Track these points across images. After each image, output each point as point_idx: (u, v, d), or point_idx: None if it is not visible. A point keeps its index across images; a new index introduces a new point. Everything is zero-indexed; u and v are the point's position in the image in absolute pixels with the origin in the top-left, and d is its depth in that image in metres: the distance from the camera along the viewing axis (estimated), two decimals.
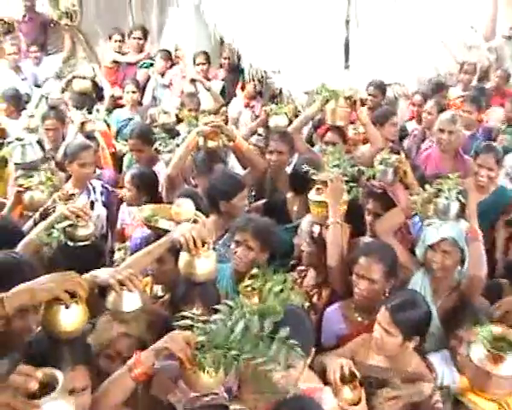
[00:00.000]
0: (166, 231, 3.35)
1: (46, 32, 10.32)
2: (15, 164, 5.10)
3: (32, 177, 4.54)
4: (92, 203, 5.14)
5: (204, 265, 3.06)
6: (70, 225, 3.35)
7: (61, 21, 9.89)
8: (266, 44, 7.78)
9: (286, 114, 5.68)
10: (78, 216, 3.37)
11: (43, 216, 4.17)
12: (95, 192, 5.28)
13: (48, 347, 2.41)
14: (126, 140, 7.05)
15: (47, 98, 6.61)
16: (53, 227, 3.34)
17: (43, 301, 2.36)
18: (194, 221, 3.55)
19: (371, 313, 3.62)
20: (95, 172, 5.57)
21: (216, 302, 3.00)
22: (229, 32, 8.10)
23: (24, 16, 10.36)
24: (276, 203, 5.09)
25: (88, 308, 2.46)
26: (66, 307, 2.34)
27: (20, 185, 4.51)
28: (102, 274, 2.68)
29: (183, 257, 3.07)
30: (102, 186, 5.39)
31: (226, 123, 6.20)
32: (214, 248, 3.48)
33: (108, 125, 7.32)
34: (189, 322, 2.41)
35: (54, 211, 4.00)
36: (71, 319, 2.36)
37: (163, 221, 3.55)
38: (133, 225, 5.05)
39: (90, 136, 6.01)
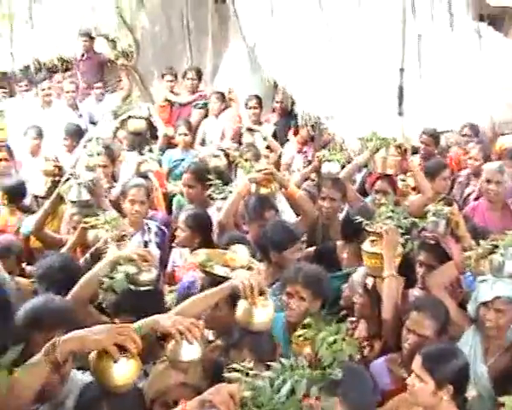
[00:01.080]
0: (221, 277, 3.39)
1: (103, 71, 10.58)
2: (71, 202, 5.20)
3: (90, 215, 4.62)
4: (146, 244, 5.20)
5: (261, 314, 3.06)
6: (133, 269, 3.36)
7: (117, 61, 10.13)
8: (320, 90, 7.82)
9: (338, 160, 5.70)
10: (144, 260, 3.39)
11: (94, 257, 4.26)
12: (149, 233, 5.33)
13: (99, 396, 2.45)
14: (177, 180, 7.19)
15: (98, 139, 6.70)
16: (115, 269, 3.36)
17: (92, 351, 2.38)
18: (249, 268, 3.58)
19: None
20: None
21: (269, 353, 3.04)
22: (283, 76, 8.17)
23: (82, 55, 10.64)
24: (326, 250, 5.09)
25: (144, 353, 2.47)
26: (114, 361, 2.33)
27: (86, 223, 4.60)
28: (163, 321, 2.69)
29: (242, 305, 3.07)
30: (158, 227, 5.43)
31: (278, 168, 6.23)
32: None
33: (160, 165, 7.41)
34: (237, 375, 2.37)
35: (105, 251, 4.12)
36: (120, 372, 2.36)
37: (218, 267, 3.55)
38: (184, 267, 5.06)
39: (144, 176, 6.06)
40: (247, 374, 2.37)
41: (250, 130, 6.67)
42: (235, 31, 9.48)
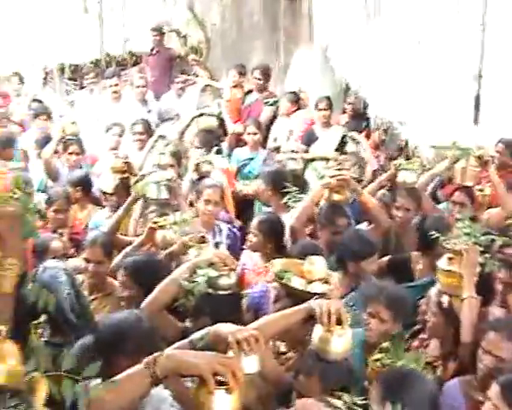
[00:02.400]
0: (297, 290, 3.34)
1: (171, 66, 10.61)
2: (151, 200, 5.21)
3: (166, 215, 4.63)
4: (217, 245, 5.17)
5: (338, 343, 2.92)
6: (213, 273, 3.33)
7: (188, 57, 10.16)
8: (394, 94, 7.69)
9: (415, 170, 5.57)
10: (225, 265, 3.36)
11: (169, 258, 4.26)
12: (220, 234, 5.32)
13: None
14: (245, 179, 7.16)
15: (164, 137, 6.71)
16: (195, 272, 3.34)
17: (187, 375, 2.28)
18: (326, 281, 3.51)
19: None
20: None
21: (343, 381, 2.96)
22: (357, 78, 8.06)
23: (152, 50, 10.71)
24: (400, 261, 5.00)
25: None
26: (208, 392, 2.15)
27: (155, 223, 4.60)
28: (225, 329, 2.63)
29: (318, 331, 2.94)
30: (229, 229, 5.43)
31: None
32: None
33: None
34: None
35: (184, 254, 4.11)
36: (215, 405, 2.16)
37: (295, 279, 3.50)
38: (254, 271, 5.04)
39: (205, 177, 6.02)
40: None
41: (353, 139, 6.58)
42: (308, 30, 9.38)
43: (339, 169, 5.29)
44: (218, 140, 7.19)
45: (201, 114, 7.02)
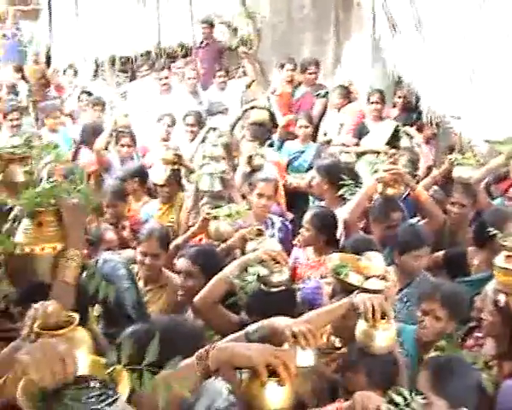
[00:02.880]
0: (354, 286, 3.32)
1: (222, 58, 10.62)
2: (203, 192, 5.24)
3: (220, 207, 4.64)
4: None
5: (381, 338, 2.90)
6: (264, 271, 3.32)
7: (238, 49, 10.16)
8: (447, 88, 7.57)
9: (471, 165, 5.49)
10: (275, 262, 3.35)
11: (227, 251, 4.27)
12: (273, 227, 5.31)
13: None
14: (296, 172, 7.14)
15: (215, 129, 6.71)
16: (246, 270, 3.35)
17: (240, 367, 2.27)
18: (383, 278, 3.48)
19: None
20: None
21: (388, 380, 2.94)
22: (410, 71, 7.95)
23: (201, 42, 10.74)
24: (455, 256, 4.94)
25: None
26: (261, 384, 2.15)
27: (208, 214, 4.62)
28: (280, 322, 2.63)
29: (361, 325, 2.94)
30: (282, 223, 5.41)
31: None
32: None
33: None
34: None
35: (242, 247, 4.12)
36: (267, 398, 2.17)
37: (352, 275, 3.47)
38: (307, 265, 5.03)
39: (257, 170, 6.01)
40: None
41: (407, 134, 6.50)
42: (359, 21, 9.28)
43: (393, 163, 5.25)
44: (269, 133, 7.17)
45: (253, 107, 6.97)
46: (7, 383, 1.88)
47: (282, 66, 9.33)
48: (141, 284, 4.35)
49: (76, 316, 2.17)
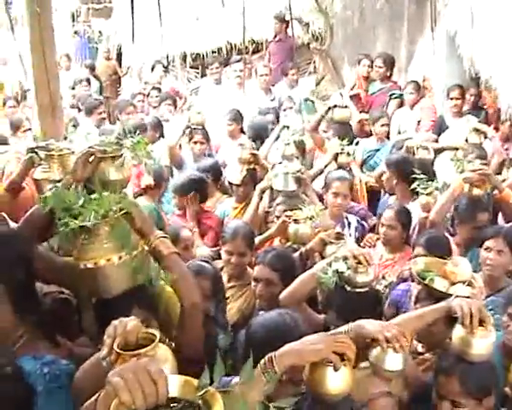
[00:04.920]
0: (440, 292, 3.24)
1: (293, 54, 10.57)
2: (277, 191, 5.21)
3: (297, 208, 4.60)
4: None
5: (480, 345, 2.82)
6: (349, 269, 3.30)
7: (310, 45, 10.10)
8: None
9: None
10: (359, 262, 3.32)
11: (307, 254, 4.23)
12: (349, 227, 5.26)
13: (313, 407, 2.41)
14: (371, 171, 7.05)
15: (288, 127, 6.65)
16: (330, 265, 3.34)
17: (310, 362, 2.35)
18: (469, 284, 3.39)
19: None
20: None
21: (483, 390, 2.86)
22: (488, 68, 7.74)
23: (274, 37, 10.71)
24: None
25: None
26: (335, 370, 2.30)
27: (288, 216, 4.58)
28: (370, 326, 2.60)
29: (458, 331, 2.85)
30: (358, 222, 5.37)
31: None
32: None
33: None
34: None
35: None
36: (338, 381, 2.33)
37: (438, 280, 3.37)
38: (381, 264, 4.97)
39: (343, 168, 5.97)
40: None
41: (477, 130, 6.33)
42: (433, 17, 9.08)
43: (481, 163, 5.14)
44: (352, 132, 7.11)
45: (335, 106, 6.89)
46: (98, 404, 1.84)
47: (359, 61, 9.25)
48: (224, 278, 4.31)
49: (156, 333, 2.14)
